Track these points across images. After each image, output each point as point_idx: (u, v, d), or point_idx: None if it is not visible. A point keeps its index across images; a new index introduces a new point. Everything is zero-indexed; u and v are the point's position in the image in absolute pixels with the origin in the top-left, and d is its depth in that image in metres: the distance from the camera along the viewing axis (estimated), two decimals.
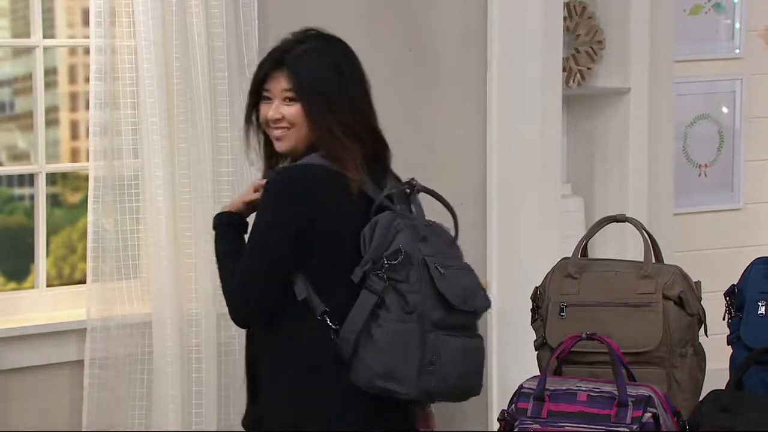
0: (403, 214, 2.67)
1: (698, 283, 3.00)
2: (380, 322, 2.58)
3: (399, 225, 2.63)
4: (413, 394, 2.61)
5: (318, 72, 2.69)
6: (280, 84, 2.69)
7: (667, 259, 3.09)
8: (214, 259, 2.83)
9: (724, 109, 4.62)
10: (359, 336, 2.58)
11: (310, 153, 2.71)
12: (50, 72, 3.72)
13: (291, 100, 2.68)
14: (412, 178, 2.75)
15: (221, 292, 2.85)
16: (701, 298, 2.99)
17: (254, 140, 2.82)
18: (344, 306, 2.64)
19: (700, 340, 2.99)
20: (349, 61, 2.76)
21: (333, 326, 2.63)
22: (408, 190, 2.71)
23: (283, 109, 2.68)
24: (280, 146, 2.71)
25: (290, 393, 2.67)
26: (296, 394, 2.66)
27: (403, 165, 3.79)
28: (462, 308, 2.63)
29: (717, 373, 3.00)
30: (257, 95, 2.71)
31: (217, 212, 2.88)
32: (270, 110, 2.69)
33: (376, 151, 2.77)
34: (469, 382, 2.67)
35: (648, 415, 2.65)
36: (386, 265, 2.59)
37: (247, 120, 2.74)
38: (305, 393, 2.66)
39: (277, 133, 2.70)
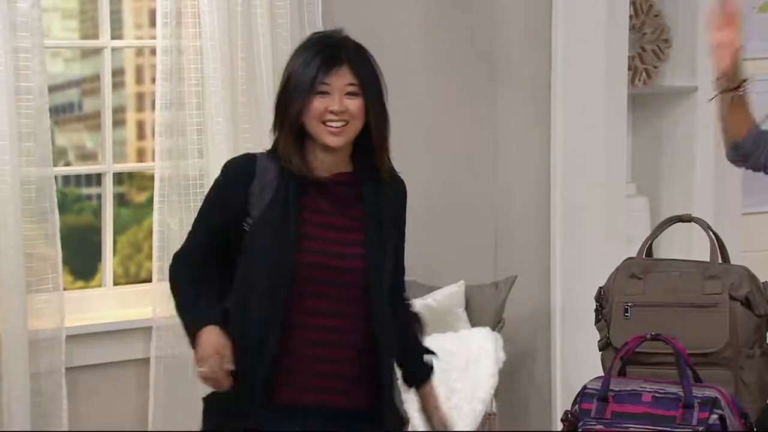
0: None
1: (766, 284, 2.97)
2: None
3: None
4: None
5: (374, 69, 2.70)
6: (342, 79, 2.66)
7: (734, 260, 3.06)
8: None
9: None
10: None
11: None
12: (117, 73, 3.77)
13: (353, 94, 2.67)
14: None
15: None
16: None
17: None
18: None
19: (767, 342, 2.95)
20: None
21: None
22: None
23: (345, 102, 2.68)
24: (336, 141, 2.66)
25: None
26: None
27: (466, 164, 3.80)
28: None
29: None
30: (310, 91, 2.69)
31: None
32: (331, 103, 2.66)
33: None
34: None
35: (714, 416, 2.62)
36: None
37: (298, 115, 2.71)
38: None
39: (335, 127, 2.67)
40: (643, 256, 3.01)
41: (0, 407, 3.38)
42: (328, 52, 2.68)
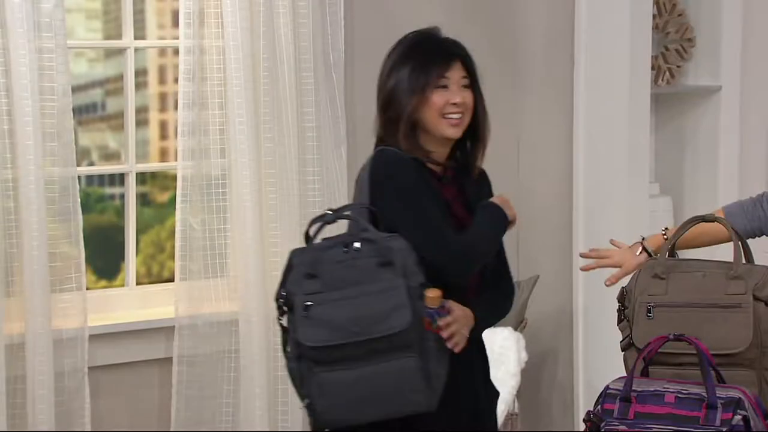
0: (301, 249, 2.72)
1: None
2: (287, 362, 2.71)
3: (291, 263, 2.69)
4: (316, 426, 2.70)
5: (475, 65, 2.87)
6: (458, 72, 2.81)
7: (758, 260, 3.04)
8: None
9: None
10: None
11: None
12: (140, 73, 3.78)
13: (465, 87, 2.82)
14: (328, 208, 2.78)
15: None
16: None
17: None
18: None
19: None
20: None
21: None
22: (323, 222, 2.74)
23: (463, 93, 2.80)
24: (456, 132, 2.81)
25: None
26: None
27: (488, 164, 3.78)
28: (335, 342, 2.61)
29: None
30: (431, 85, 2.79)
31: None
32: (452, 96, 2.79)
33: None
34: (369, 408, 2.63)
35: (738, 417, 2.60)
36: (277, 309, 2.69)
37: (415, 110, 2.79)
38: None
39: (455, 118, 2.80)
40: (666, 256, 3.00)
41: (25, 406, 3.40)
42: (443, 47, 2.83)
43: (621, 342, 2.98)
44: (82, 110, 3.80)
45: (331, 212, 2.74)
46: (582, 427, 2.76)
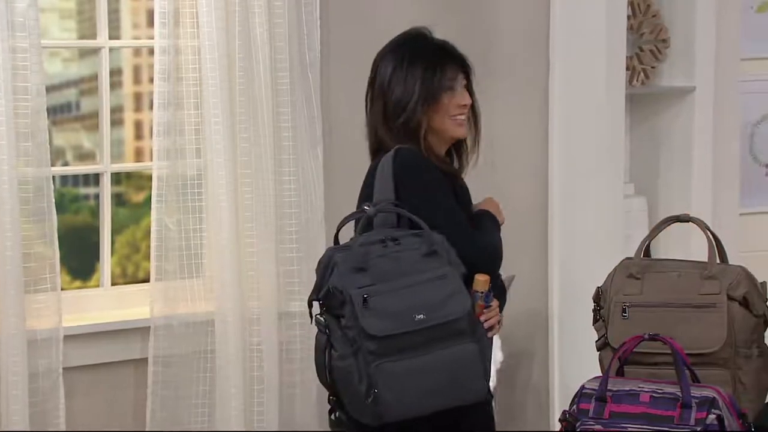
0: (342, 247, 2.74)
1: (764, 284, 2.97)
2: (331, 361, 2.69)
3: (334, 260, 2.71)
4: (372, 422, 2.69)
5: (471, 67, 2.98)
6: (460, 74, 2.93)
7: (732, 260, 3.06)
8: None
9: None
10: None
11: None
12: (115, 73, 3.76)
13: (464, 89, 2.92)
14: (367, 203, 2.81)
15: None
16: (767, 299, 2.95)
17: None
18: None
19: (766, 342, 2.95)
20: None
21: None
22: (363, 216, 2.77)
23: (465, 94, 2.92)
24: (463, 132, 2.94)
25: None
26: None
27: None
28: (400, 330, 2.64)
29: None
30: (443, 88, 2.88)
31: None
32: (460, 98, 2.90)
33: None
34: (433, 398, 2.66)
35: (712, 416, 2.62)
36: (323, 307, 2.69)
37: (424, 114, 2.86)
38: None
39: (461, 119, 2.91)
40: (641, 256, 3.01)
41: None
42: (446, 51, 2.93)
43: (596, 342, 2.99)
44: (57, 110, 3.78)
45: (370, 206, 2.75)
46: (557, 426, 2.77)
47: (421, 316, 2.62)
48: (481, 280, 2.71)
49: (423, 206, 2.77)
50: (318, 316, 2.71)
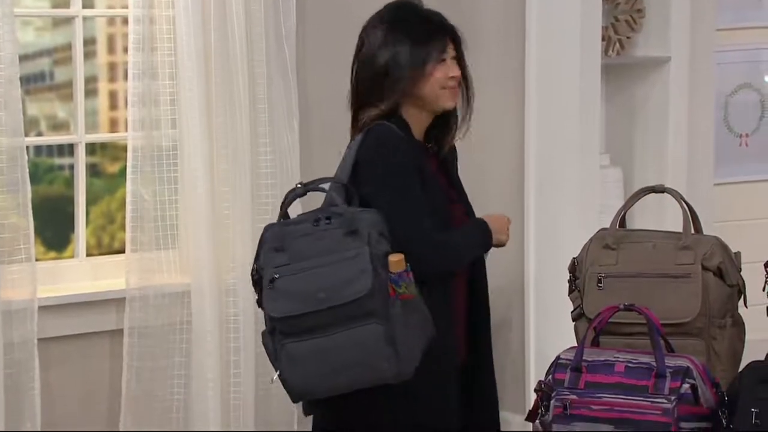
0: (275, 224, 2.77)
1: (738, 254, 2.98)
2: (263, 338, 2.76)
3: (264, 238, 2.76)
4: (292, 399, 2.76)
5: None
6: (450, 46, 2.93)
7: (707, 230, 3.07)
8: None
9: (767, 78, 4.57)
10: None
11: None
12: (89, 42, 3.74)
13: (453, 60, 2.93)
14: (299, 182, 2.84)
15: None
16: (741, 269, 2.96)
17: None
18: None
19: (739, 311, 2.97)
20: None
21: None
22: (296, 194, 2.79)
23: (455, 66, 2.93)
24: (453, 103, 2.95)
25: None
26: None
27: None
28: (300, 311, 2.65)
29: (756, 344, 2.98)
30: (434, 60, 2.88)
31: None
32: (450, 69, 2.91)
33: None
34: (337, 377, 2.66)
35: (686, 386, 2.63)
36: (253, 285, 2.77)
37: (415, 86, 2.86)
38: None
39: (452, 89, 2.92)
40: (617, 227, 3.02)
41: None
42: (435, 22, 2.92)
43: (572, 312, 3.00)
44: (30, 80, 3.75)
45: (301, 185, 2.75)
46: (533, 397, 2.78)
47: (322, 295, 2.62)
48: (393, 261, 2.65)
49: (377, 187, 2.78)
50: (255, 291, 2.76)
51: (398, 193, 2.77)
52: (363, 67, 2.88)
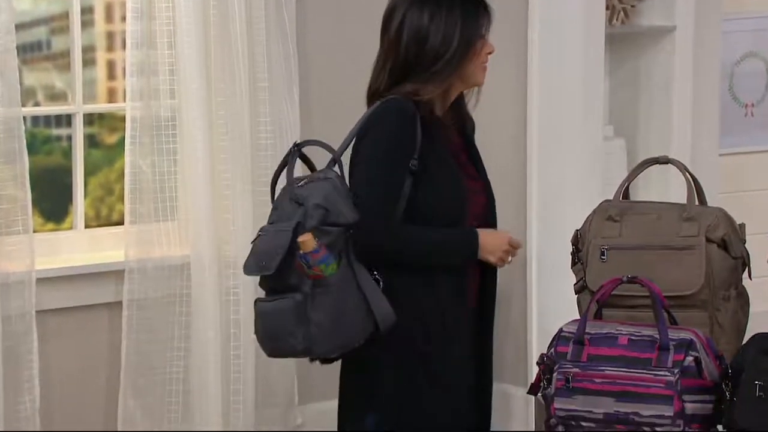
0: (284, 187, 2.79)
1: (742, 225, 2.95)
2: None
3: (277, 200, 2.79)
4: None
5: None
6: (488, 22, 2.97)
7: (712, 201, 3.04)
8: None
9: None
10: None
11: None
12: (87, 11, 3.70)
13: None
14: (295, 142, 2.85)
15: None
16: (745, 241, 2.94)
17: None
18: None
19: (743, 283, 2.94)
20: None
21: None
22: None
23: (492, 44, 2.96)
24: (483, 79, 2.98)
25: None
26: None
27: None
28: (254, 274, 2.73)
29: (761, 316, 2.96)
30: (482, 36, 2.92)
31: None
32: (490, 45, 2.95)
33: None
34: (267, 343, 2.76)
35: (690, 358, 2.61)
36: None
37: (463, 61, 2.88)
38: None
39: (486, 65, 2.96)
40: (620, 199, 2.99)
41: None
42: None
43: (575, 285, 2.98)
44: (27, 49, 3.71)
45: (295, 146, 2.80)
46: (536, 370, 2.76)
47: (262, 263, 2.68)
48: (301, 241, 2.66)
49: (361, 159, 2.81)
50: None
51: (374, 171, 2.78)
52: (408, 45, 2.86)
